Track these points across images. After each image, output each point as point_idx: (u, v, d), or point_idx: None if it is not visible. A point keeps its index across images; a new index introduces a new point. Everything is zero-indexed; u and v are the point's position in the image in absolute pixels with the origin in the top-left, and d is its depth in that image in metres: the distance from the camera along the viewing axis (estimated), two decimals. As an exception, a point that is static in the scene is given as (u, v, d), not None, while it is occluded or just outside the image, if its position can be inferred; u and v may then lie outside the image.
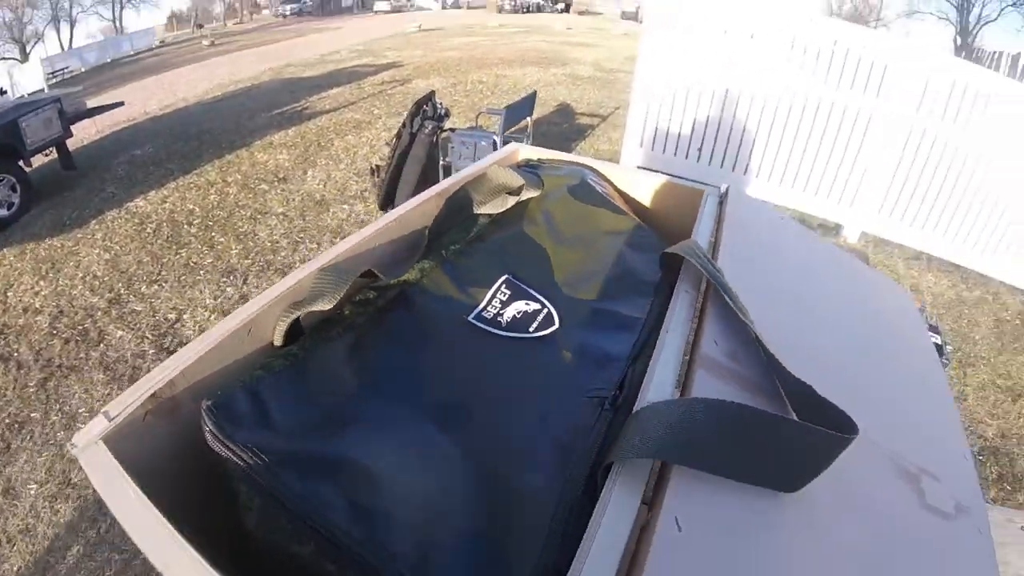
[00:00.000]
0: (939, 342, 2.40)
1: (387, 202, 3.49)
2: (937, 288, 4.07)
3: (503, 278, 0.75)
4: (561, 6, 36.95)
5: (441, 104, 3.70)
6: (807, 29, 3.79)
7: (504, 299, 0.75)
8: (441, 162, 3.59)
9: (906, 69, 3.74)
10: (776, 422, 0.47)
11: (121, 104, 5.49)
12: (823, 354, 0.74)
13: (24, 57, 25.51)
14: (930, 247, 4.19)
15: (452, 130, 3.59)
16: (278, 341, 0.59)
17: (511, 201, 0.91)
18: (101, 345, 2.48)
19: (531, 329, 0.69)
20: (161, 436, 0.48)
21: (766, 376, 0.59)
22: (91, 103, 5.25)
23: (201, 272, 2.97)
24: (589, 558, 0.37)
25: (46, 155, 4.44)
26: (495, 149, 3.43)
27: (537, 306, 0.72)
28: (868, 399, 0.68)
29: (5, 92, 6.44)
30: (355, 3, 36.88)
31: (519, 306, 0.72)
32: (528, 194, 0.91)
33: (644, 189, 1.11)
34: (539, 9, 35.15)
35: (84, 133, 5.67)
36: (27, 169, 4.19)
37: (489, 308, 0.71)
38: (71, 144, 4.60)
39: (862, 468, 0.56)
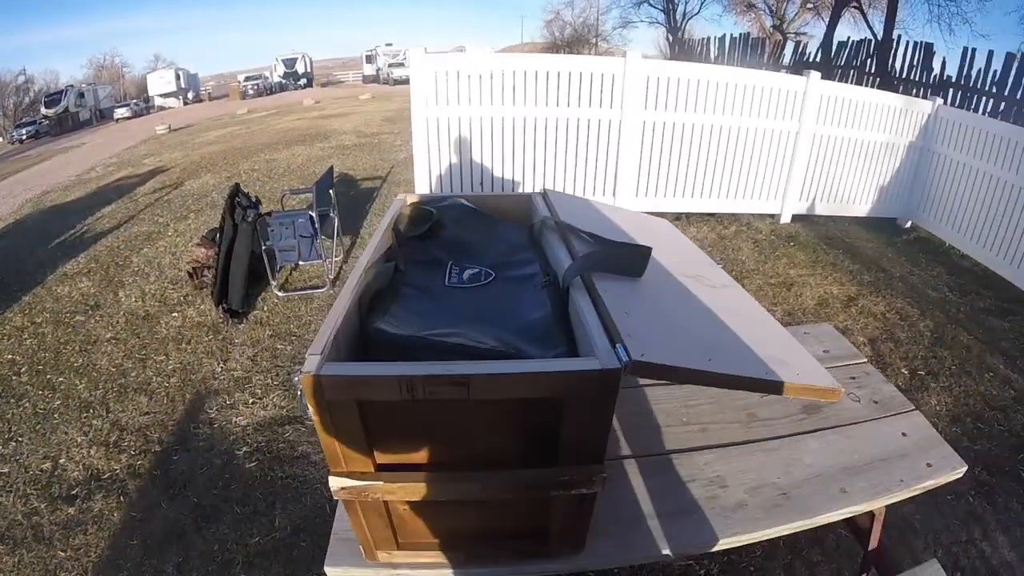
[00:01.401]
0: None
1: (222, 297, 3.67)
2: (700, 234, 5.31)
3: (449, 262, 1.45)
4: (303, 81, 37.06)
5: (251, 194, 3.98)
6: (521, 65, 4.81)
7: (457, 271, 1.47)
8: (263, 247, 3.83)
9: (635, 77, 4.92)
10: (621, 248, 1.41)
11: None
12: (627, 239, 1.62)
13: None
14: (681, 207, 5.49)
15: (269, 214, 3.86)
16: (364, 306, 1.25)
17: (427, 224, 1.61)
18: (-14, 520, 2.41)
19: (483, 279, 1.45)
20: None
21: (604, 244, 1.47)
22: None
23: (56, 415, 2.92)
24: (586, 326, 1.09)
25: None
26: (312, 224, 3.79)
27: (477, 269, 1.42)
28: (660, 254, 1.47)
29: None
30: (92, 115, 33.64)
31: (468, 273, 1.47)
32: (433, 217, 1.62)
33: (496, 203, 1.89)
34: (282, 88, 34.96)
35: None
36: None
37: (451, 278, 1.46)
38: None
39: (666, 274, 1.41)
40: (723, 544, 1.30)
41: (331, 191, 4.40)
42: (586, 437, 1.04)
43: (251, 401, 2.98)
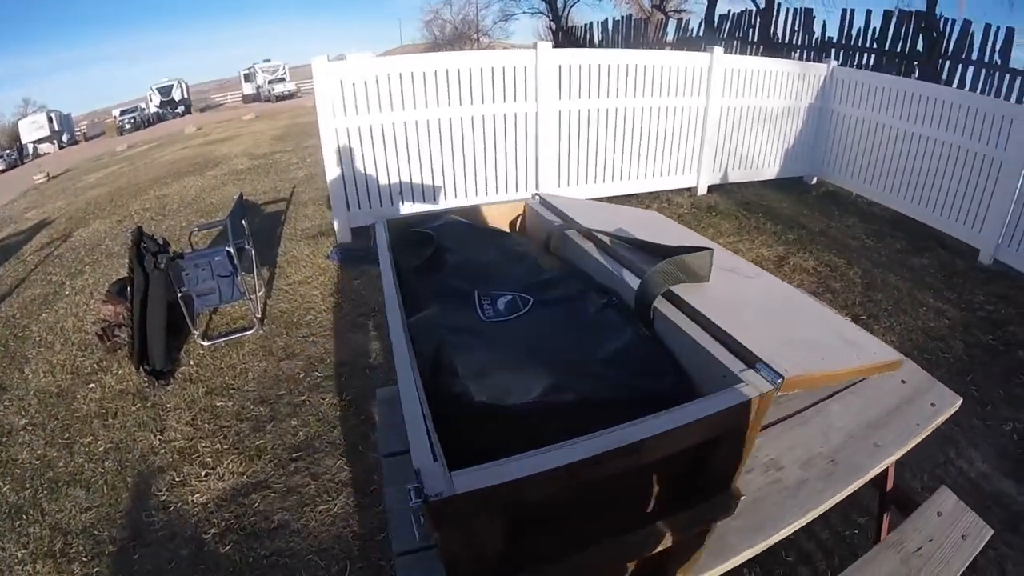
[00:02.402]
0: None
1: (142, 357, 3.25)
2: None
3: (475, 292, 1.27)
4: (181, 108, 35.10)
5: (155, 235, 3.56)
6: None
7: (489, 303, 1.28)
8: (179, 293, 3.46)
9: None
10: (686, 254, 1.28)
11: None
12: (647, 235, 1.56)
13: None
14: (604, 192, 5.50)
15: (181, 256, 3.49)
16: None
17: (430, 249, 1.42)
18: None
19: (522, 308, 1.27)
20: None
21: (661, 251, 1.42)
22: None
23: (-19, 530, 2.48)
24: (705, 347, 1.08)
25: None
26: (231, 261, 3.46)
27: (510, 296, 1.25)
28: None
29: None
30: (-40, 170, 30.34)
31: (502, 302, 1.28)
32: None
33: (490, 213, 1.80)
34: (160, 118, 32.91)
35: None
36: None
37: (486, 310, 1.27)
38: None
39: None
40: (800, 522, 1.32)
41: (243, 221, 4.04)
42: (730, 465, 1.03)
43: (204, 473, 2.61)
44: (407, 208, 4.90)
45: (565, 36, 20.01)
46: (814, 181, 6.78)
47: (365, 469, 2.56)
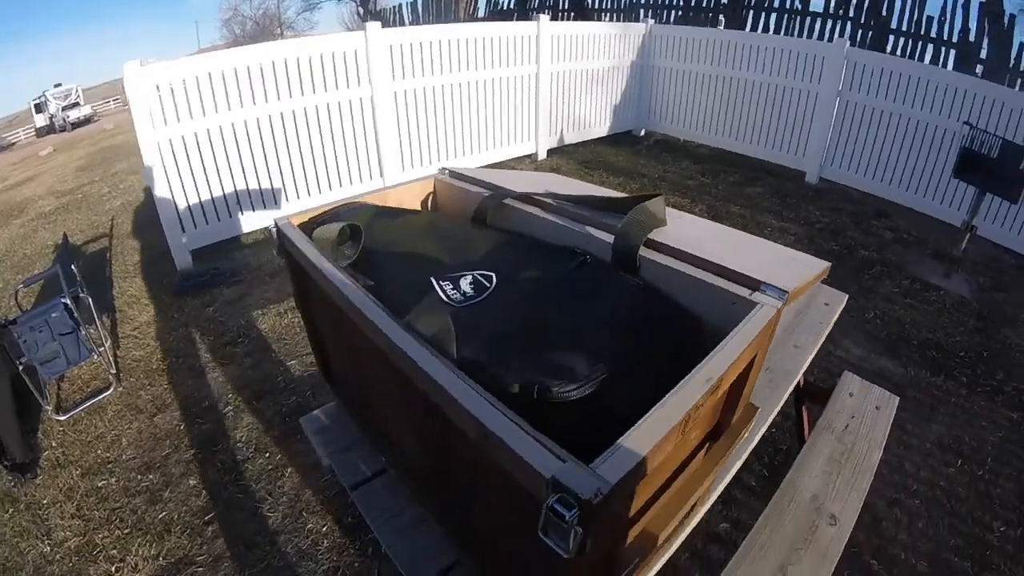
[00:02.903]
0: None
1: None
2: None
3: (430, 278, 1.14)
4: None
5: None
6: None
7: (450, 286, 1.16)
8: (20, 366, 2.85)
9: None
10: (645, 201, 1.32)
11: None
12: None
13: None
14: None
15: (13, 322, 2.87)
16: None
17: (358, 242, 1.31)
18: None
19: (490, 285, 1.17)
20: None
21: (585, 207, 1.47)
22: None
23: None
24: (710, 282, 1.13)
25: None
26: (70, 315, 2.94)
27: (469, 276, 1.20)
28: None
29: None
30: None
31: (465, 283, 1.17)
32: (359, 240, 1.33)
33: (400, 196, 1.73)
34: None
35: None
36: None
37: (451, 295, 1.14)
38: None
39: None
40: (762, 431, 1.50)
41: (73, 266, 3.45)
42: (748, 384, 1.08)
43: (114, 569, 2.18)
44: (253, 219, 4.50)
45: (374, 20, 19.36)
46: (642, 133, 7.25)
47: (293, 512, 2.31)
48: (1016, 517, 2.17)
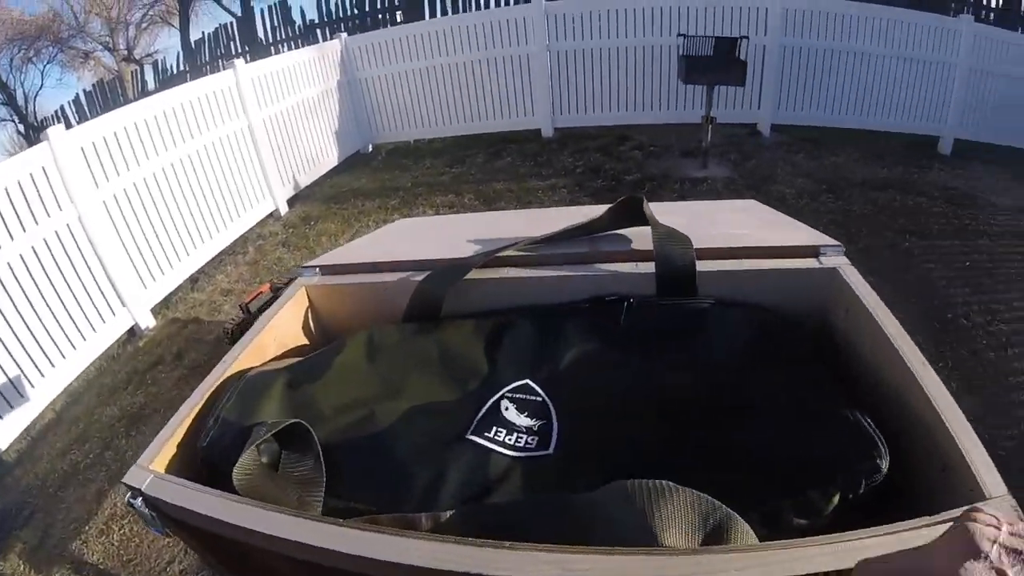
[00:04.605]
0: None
1: None
2: (232, 276, 4.78)
3: (467, 437, 0.87)
4: None
5: None
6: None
7: (503, 432, 0.83)
8: None
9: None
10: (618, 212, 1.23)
11: None
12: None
13: None
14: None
15: None
16: None
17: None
18: None
19: (543, 399, 0.90)
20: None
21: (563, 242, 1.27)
22: None
23: None
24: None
25: None
26: None
27: (510, 405, 0.89)
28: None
29: None
30: None
31: (509, 416, 0.85)
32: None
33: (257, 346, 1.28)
34: None
35: None
36: None
37: (515, 443, 0.83)
38: None
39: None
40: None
41: None
42: None
43: None
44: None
45: (36, 132, 16.74)
46: (370, 149, 7.19)
47: None
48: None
